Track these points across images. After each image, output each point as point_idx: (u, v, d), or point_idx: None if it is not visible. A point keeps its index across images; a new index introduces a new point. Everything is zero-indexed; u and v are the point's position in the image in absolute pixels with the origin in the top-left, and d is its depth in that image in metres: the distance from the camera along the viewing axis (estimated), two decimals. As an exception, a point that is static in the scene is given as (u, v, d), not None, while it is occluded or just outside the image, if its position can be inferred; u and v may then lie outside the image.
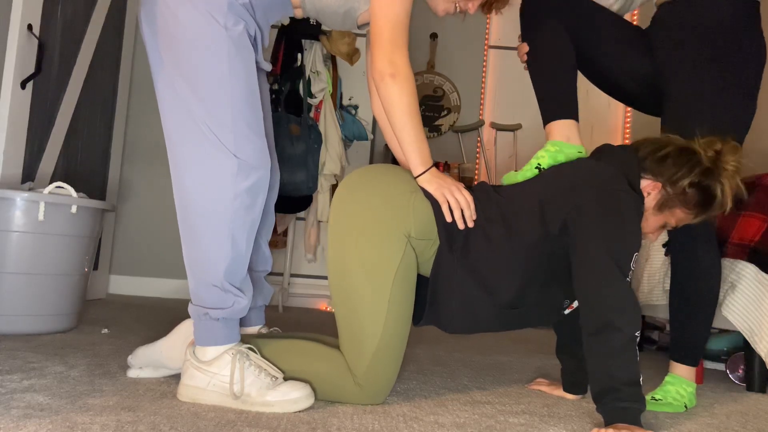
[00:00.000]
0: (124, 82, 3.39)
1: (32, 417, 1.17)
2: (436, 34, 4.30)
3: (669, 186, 1.48)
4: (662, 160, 1.49)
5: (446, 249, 1.42)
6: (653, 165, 1.49)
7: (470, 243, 1.43)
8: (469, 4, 1.56)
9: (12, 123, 2.34)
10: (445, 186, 1.45)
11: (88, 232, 2.19)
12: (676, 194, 1.48)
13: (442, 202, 1.43)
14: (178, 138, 1.41)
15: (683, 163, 1.47)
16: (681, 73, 1.64)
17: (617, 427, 1.24)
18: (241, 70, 1.40)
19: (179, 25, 1.38)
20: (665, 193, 1.49)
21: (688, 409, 1.67)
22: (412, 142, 1.45)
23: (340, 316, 1.45)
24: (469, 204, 1.44)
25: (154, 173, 3.54)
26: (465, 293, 1.43)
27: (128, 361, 1.58)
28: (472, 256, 1.42)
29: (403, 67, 1.42)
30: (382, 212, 1.41)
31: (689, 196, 1.48)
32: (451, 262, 1.42)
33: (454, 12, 1.58)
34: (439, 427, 1.31)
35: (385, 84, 1.42)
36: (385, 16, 1.41)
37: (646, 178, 1.50)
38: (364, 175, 1.49)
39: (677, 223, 1.54)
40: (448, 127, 4.27)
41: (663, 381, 1.71)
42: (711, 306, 1.69)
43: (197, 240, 1.41)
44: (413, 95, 1.44)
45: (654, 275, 2.39)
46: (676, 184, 1.47)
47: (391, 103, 1.43)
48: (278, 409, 1.34)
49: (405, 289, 1.42)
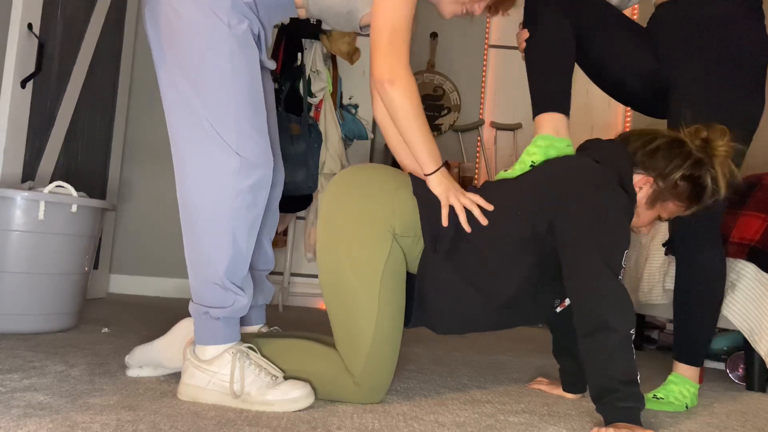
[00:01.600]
0: (125, 81, 3.39)
1: (32, 416, 1.17)
2: (436, 34, 4.30)
3: (660, 180, 1.48)
4: (652, 154, 1.49)
5: (431, 250, 1.42)
6: (644, 159, 1.49)
7: (456, 243, 1.43)
8: (476, 5, 1.55)
9: (12, 122, 2.34)
10: (452, 190, 1.45)
11: (88, 231, 2.19)
12: (668, 188, 1.48)
13: (444, 206, 1.43)
14: (181, 135, 1.41)
15: (674, 156, 1.47)
16: (687, 72, 1.63)
17: (617, 426, 1.24)
18: (244, 68, 1.40)
19: (182, 22, 1.38)
20: (657, 187, 1.49)
21: (689, 409, 1.67)
22: (420, 142, 1.45)
23: (333, 316, 1.45)
24: (476, 203, 1.44)
25: (154, 172, 3.54)
26: (452, 293, 1.43)
27: (126, 360, 1.58)
28: (459, 256, 1.42)
29: (402, 73, 1.41)
30: (366, 210, 1.42)
31: (681, 188, 1.48)
32: (436, 262, 1.42)
33: (461, 14, 1.57)
34: (439, 426, 1.31)
35: (385, 91, 1.41)
36: (385, 21, 1.40)
37: (637, 173, 1.50)
38: (350, 175, 1.49)
39: (669, 216, 1.55)
40: (448, 127, 4.27)
41: (666, 380, 1.71)
42: (716, 306, 1.69)
43: (198, 237, 1.41)
44: (415, 98, 1.43)
45: (653, 275, 2.39)
46: (667, 177, 1.47)
47: (394, 109, 1.43)
48: (278, 408, 1.34)
49: (394, 285, 1.42)
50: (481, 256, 1.42)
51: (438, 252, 1.42)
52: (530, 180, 1.49)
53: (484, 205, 1.44)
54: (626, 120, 4.20)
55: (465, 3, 1.54)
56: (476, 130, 4.13)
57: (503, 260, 1.42)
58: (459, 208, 1.43)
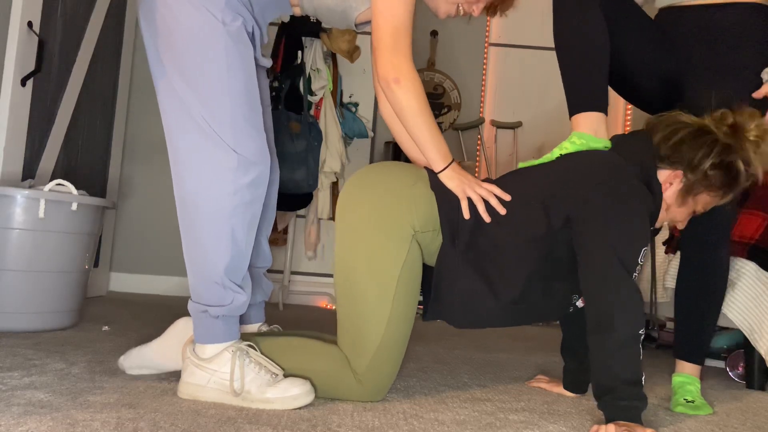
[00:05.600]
0: (125, 79, 3.39)
1: (33, 414, 1.17)
2: (436, 32, 4.30)
3: (690, 173, 1.43)
4: (678, 146, 1.44)
5: (449, 244, 1.42)
6: (669, 152, 1.44)
7: (475, 236, 1.42)
8: (474, 6, 1.54)
9: (12, 120, 2.33)
10: (467, 182, 1.44)
11: (88, 230, 2.19)
12: (699, 179, 1.43)
13: (462, 198, 1.42)
14: (178, 134, 1.41)
15: (700, 145, 1.42)
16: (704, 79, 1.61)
17: (618, 424, 1.24)
18: (239, 65, 1.40)
19: (177, 20, 1.38)
20: (687, 180, 1.45)
21: None
22: (428, 140, 1.44)
23: (343, 314, 1.45)
24: (493, 193, 1.43)
25: (154, 170, 3.53)
26: (466, 288, 1.42)
27: (120, 362, 1.56)
28: (477, 249, 1.41)
29: (406, 71, 1.41)
30: (384, 210, 1.41)
31: (713, 178, 1.43)
32: (454, 257, 1.41)
33: (456, 14, 1.56)
34: (439, 424, 1.31)
35: (391, 90, 1.41)
36: (386, 19, 1.40)
37: (663, 169, 1.46)
38: (367, 173, 1.49)
39: (705, 208, 1.50)
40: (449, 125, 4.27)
41: (678, 382, 1.68)
42: (720, 303, 1.69)
43: (197, 236, 1.41)
44: (421, 96, 1.43)
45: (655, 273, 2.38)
46: (696, 169, 1.42)
47: (401, 108, 1.43)
48: (278, 405, 1.34)
49: (409, 288, 1.41)
50: (498, 248, 1.41)
51: (457, 246, 1.41)
52: (549, 172, 1.46)
53: (501, 195, 1.44)
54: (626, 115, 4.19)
55: (460, 3, 1.54)
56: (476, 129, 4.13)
57: (517, 254, 1.40)
58: (477, 199, 1.42)
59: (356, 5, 1.50)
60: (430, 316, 1.50)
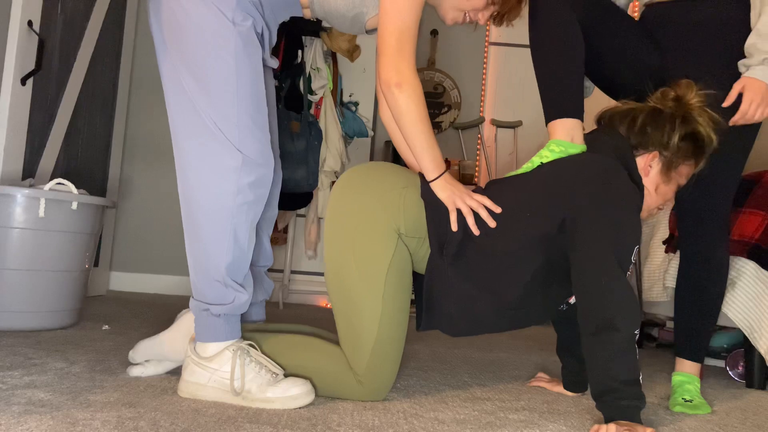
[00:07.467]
0: (125, 78, 3.39)
1: (33, 413, 1.17)
2: (436, 31, 4.30)
3: (664, 150, 1.49)
4: (643, 130, 1.50)
5: (437, 254, 1.42)
6: (639, 138, 1.50)
7: (464, 247, 1.42)
8: (479, 15, 1.54)
9: (12, 119, 2.33)
10: (458, 194, 1.44)
11: (88, 229, 2.19)
12: (674, 153, 1.49)
13: (452, 210, 1.42)
14: (183, 131, 1.41)
15: (662, 124, 1.49)
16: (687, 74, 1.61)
17: (618, 424, 1.24)
18: (248, 66, 1.40)
19: (187, 18, 1.38)
20: (664, 158, 1.50)
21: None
22: (424, 148, 1.44)
23: (338, 313, 1.45)
24: (483, 204, 1.42)
25: (154, 170, 3.53)
26: (461, 297, 1.42)
27: (129, 356, 1.57)
28: (466, 260, 1.41)
29: (408, 76, 1.41)
30: (373, 208, 1.42)
31: (684, 149, 1.49)
32: (443, 267, 1.41)
33: (462, 22, 1.57)
34: (439, 423, 1.32)
35: (392, 94, 1.41)
36: (392, 24, 1.41)
37: (640, 155, 1.50)
38: (358, 173, 1.49)
39: (686, 179, 1.55)
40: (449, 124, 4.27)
41: (677, 381, 1.69)
42: (720, 302, 1.69)
43: (199, 234, 1.41)
44: (421, 103, 1.43)
45: (654, 272, 2.39)
46: (669, 144, 1.48)
47: (400, 113, 1.43)
48: (279, 405, 1.34)
49: (399, 284, 1.42)
50: (489, 258, 1.41)
51: (445, 257, 1.41)
52: (538, 179, 1.47)
53: (491, 207, 1.43)
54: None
55: (467, 12, 1.54)
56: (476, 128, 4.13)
57: (511, 261, 1.41)
58: (467, 211, 1.42)
59: (367, 10, 1.50)
60: (425, 327, 1.50)
